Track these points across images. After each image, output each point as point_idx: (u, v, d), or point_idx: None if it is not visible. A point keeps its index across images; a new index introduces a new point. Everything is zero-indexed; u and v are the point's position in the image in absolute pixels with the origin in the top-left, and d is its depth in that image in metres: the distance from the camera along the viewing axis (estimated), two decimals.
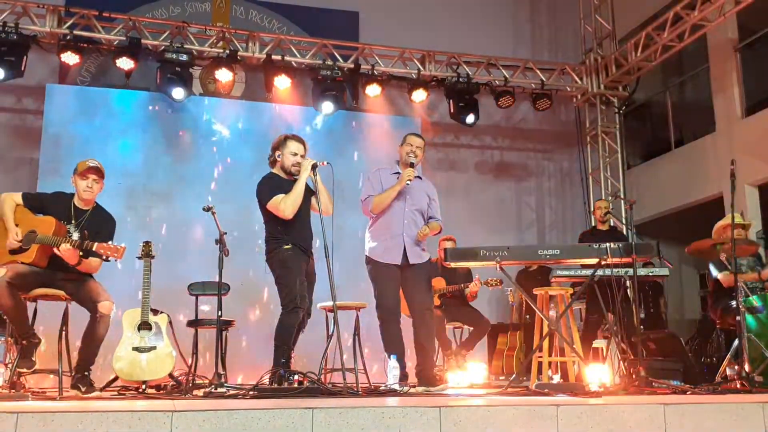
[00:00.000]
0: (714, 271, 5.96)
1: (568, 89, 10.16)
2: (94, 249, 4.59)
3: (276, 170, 5.13)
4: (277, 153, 5.10)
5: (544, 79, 9.70)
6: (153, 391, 5.04)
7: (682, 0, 8.50)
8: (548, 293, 5.70)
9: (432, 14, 10.16)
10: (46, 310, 5.17)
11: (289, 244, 4.86)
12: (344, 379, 4.51)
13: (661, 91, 10.69)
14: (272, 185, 4.98)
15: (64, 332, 4.91)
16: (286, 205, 4.84)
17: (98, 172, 4.96)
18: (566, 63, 10.17)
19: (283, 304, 4.79)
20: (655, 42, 8.98)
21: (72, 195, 4.99)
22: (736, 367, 5.08)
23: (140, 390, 4.96)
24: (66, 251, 4.56)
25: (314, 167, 4.84)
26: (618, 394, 4.37)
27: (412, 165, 5.15)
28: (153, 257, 5.27)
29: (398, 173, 5.29)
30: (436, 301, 6.84)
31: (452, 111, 9.35)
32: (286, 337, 4.73)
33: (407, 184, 5.13)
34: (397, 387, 4.65)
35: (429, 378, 4.93)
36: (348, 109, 8.99)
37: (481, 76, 9.50)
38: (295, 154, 5.02)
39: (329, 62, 8.85)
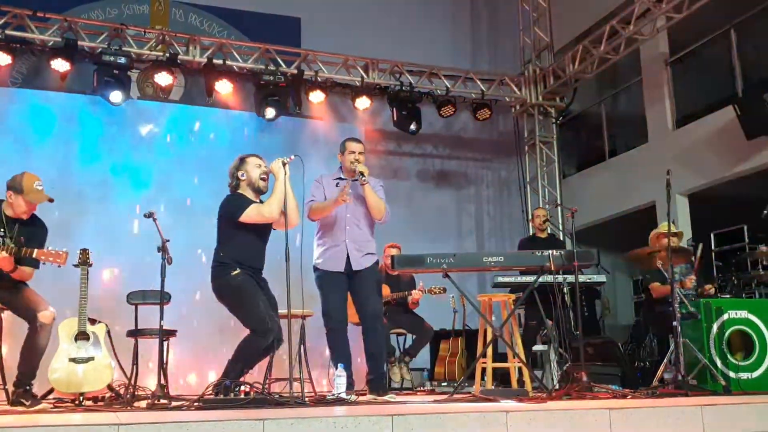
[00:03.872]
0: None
1: (507, 99, 10.35)
2: (34, 256, 4.41)
3: (241, 191, 4.77)
4: (240, 173, 4.77)
5: (484, 89, 9.86)
6: (90, 403, 4.88)
7: (617, 14, 8.79)
8: (491, 299, 5.78)
9: (373, 23, 10.21)
10: None
11: (236, 269, 4.55)
12: (291, 388, 4.45)
13: (596, 103, 10.99)
14: (242, 200, 4.67)
15: None
16: (271, 206, 4.55)
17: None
18: (505, 74, 10.36)
19: (253, 329, 4.48)
20: (592, 54, 9.24)
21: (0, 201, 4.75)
22: (672, 371, 5.25)
23: (77, 402, 4.79)
24: (2, 259, 4.37)
25: (284, 165, 4.61)
26: (562, 400, 4.46)
27: (362, 174, 5.04)
28: (90, 265, 5.12)
29: (341, 179, 5.25)
30: None
31: (395, 119, 9.42)
32: (246, 355, 4.48)
33: (345, 199, 4.96)
34: (344, 396, 4.63)
35: (379, 387, 4.92)
36: (291, 115, 8.94)
37: (423, 85, 9.59)
38: (259, 165, 4.78)
39: (272, 67, 8.78)
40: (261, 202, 4.77)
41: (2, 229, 4.63)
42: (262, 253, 4.79)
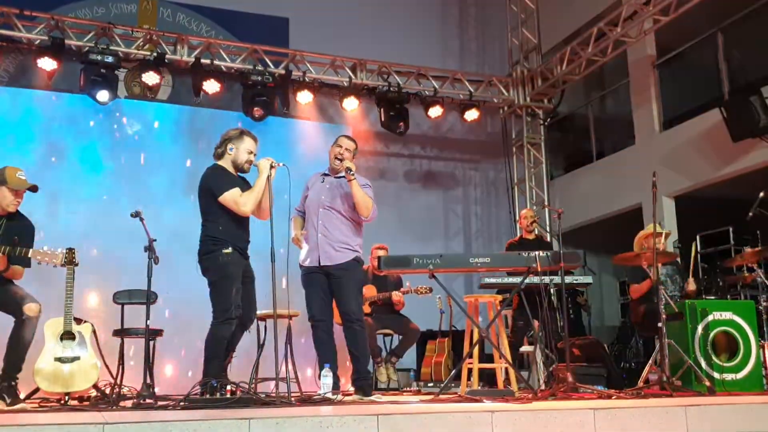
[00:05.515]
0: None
1: (495, 101, 10.37)
2: (29, 255, 4.39)
3: (223, 163, 4.83)
4: (230, 146, 4.81)
5: (472, 90, 9.87)
6: (76, 402, 4.86)
7: (605, 16, 8.83)
8: (478, 300, 5.79)
9: (361, 24, 10.19)
10: None
11: (229, 248, 4.60)
12: (277, 388, 4.44)
13: (584, 105, 11.03)
14: (225, 178, 4.73)
15: None
16: (248, 200, 4.63)
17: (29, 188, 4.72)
18: (493, 75, 10.38)
19: (216, 314, 4.57)
20: (580, 56, 9.28)
21: None
22: (657, 372, 5.27)
23: (62, 402, 4.77)
24: None
25: (271, 167, 4.68)
26: (547, 400, 4.47)
27: (349, 169, 5.05)
28: (76, 264, 5.07)
29: (326, 175, 5.27)
30: (366, 309, 6.86)
31: (383, 120, 9.42)
32: (216, 349, 4.53)
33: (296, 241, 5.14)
34: (330, 396, 4.62)
35: (363, 387, 4.91)
36: (279, 115, 8.93)
37: (411, 86, 9.60)
38: (251, 152, 4.83)
39: (260, 67, 8.76)
40: (241, 178, 4.84)
41: None
42: (247, 230, 4.86)
